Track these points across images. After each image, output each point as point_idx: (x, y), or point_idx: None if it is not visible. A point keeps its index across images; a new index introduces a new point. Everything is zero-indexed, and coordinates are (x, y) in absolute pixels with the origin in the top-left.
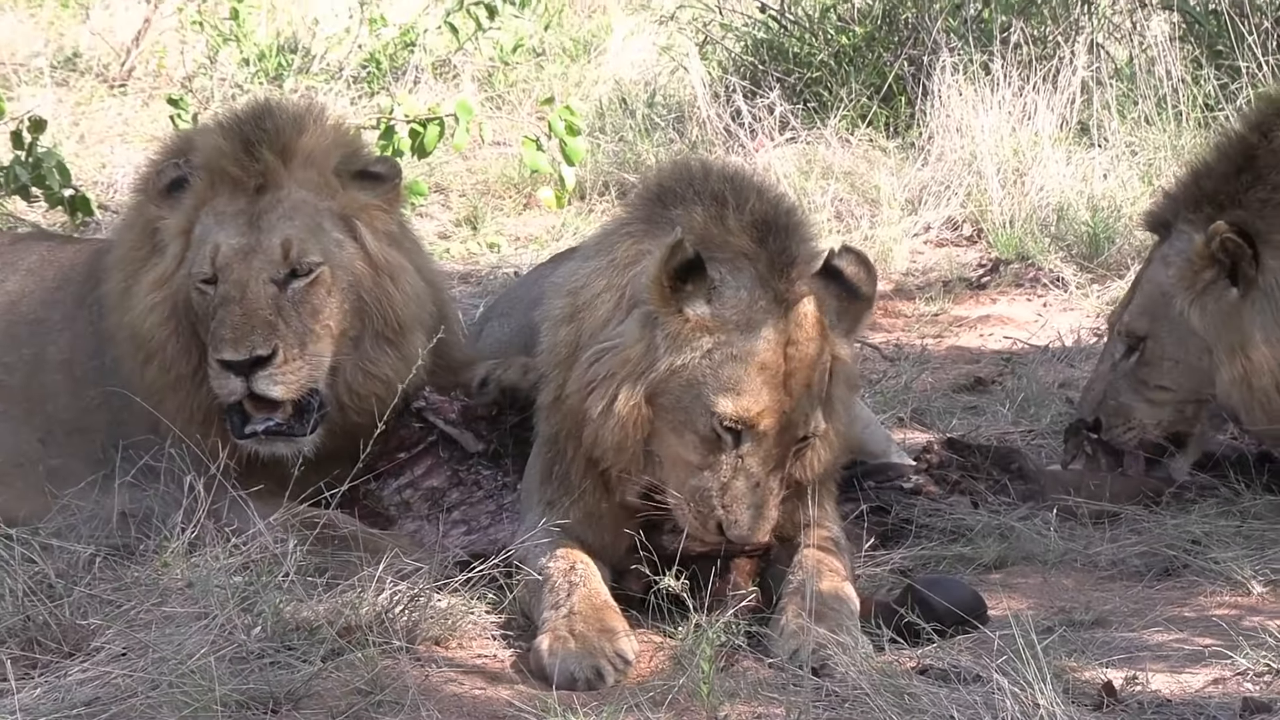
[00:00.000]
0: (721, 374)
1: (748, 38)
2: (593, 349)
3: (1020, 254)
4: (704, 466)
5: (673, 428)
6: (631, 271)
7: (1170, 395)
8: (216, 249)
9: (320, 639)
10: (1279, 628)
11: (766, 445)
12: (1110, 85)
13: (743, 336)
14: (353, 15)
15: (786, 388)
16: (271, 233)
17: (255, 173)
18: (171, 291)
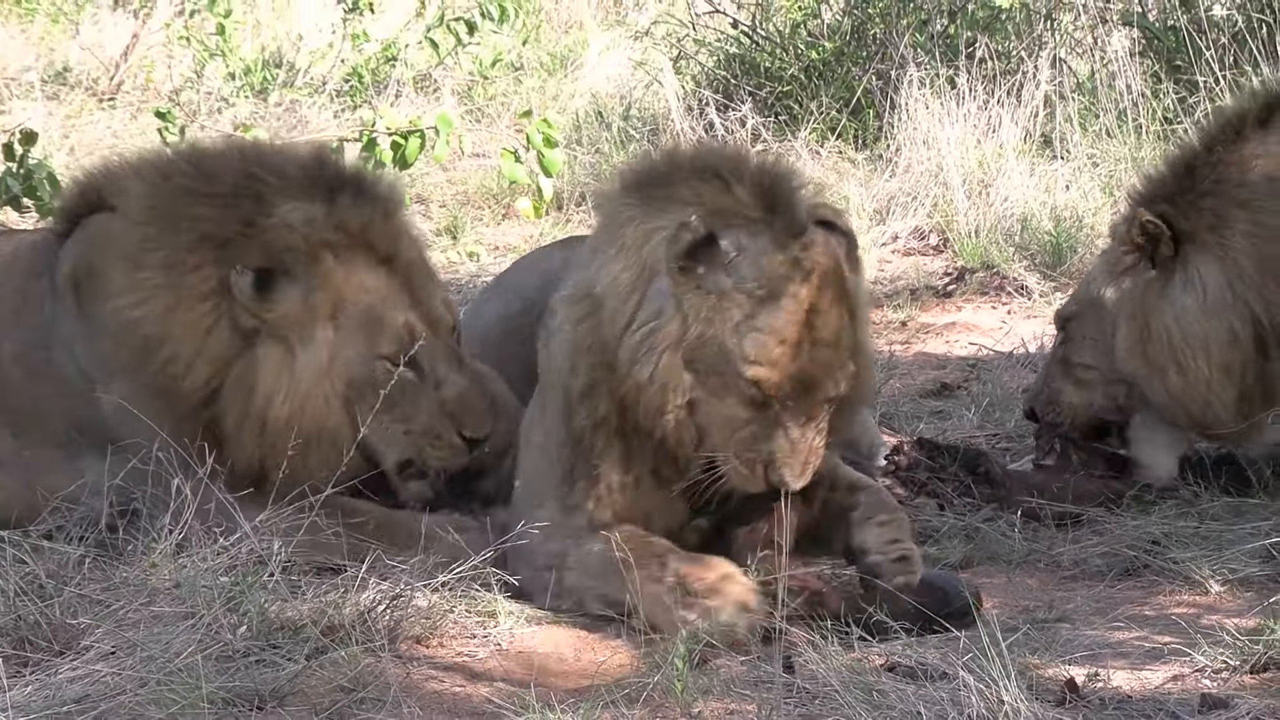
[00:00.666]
0: (748, 344)
1: (720, 53)
2: (639, 330)
3: (985, 263)
4: (750, 421)
5: (713, 392)
6: (645, 249)
7: (1093, 375)
8: (410, 327)
9: (304, 638)
10: (1236, 626)
11: (804, 404)
12: (1072, 99)
13: (766, 307)
14: (336, 31)
15: (814, 352)
16: (439, 305)
17: (389, 237)
18: (342, 376)
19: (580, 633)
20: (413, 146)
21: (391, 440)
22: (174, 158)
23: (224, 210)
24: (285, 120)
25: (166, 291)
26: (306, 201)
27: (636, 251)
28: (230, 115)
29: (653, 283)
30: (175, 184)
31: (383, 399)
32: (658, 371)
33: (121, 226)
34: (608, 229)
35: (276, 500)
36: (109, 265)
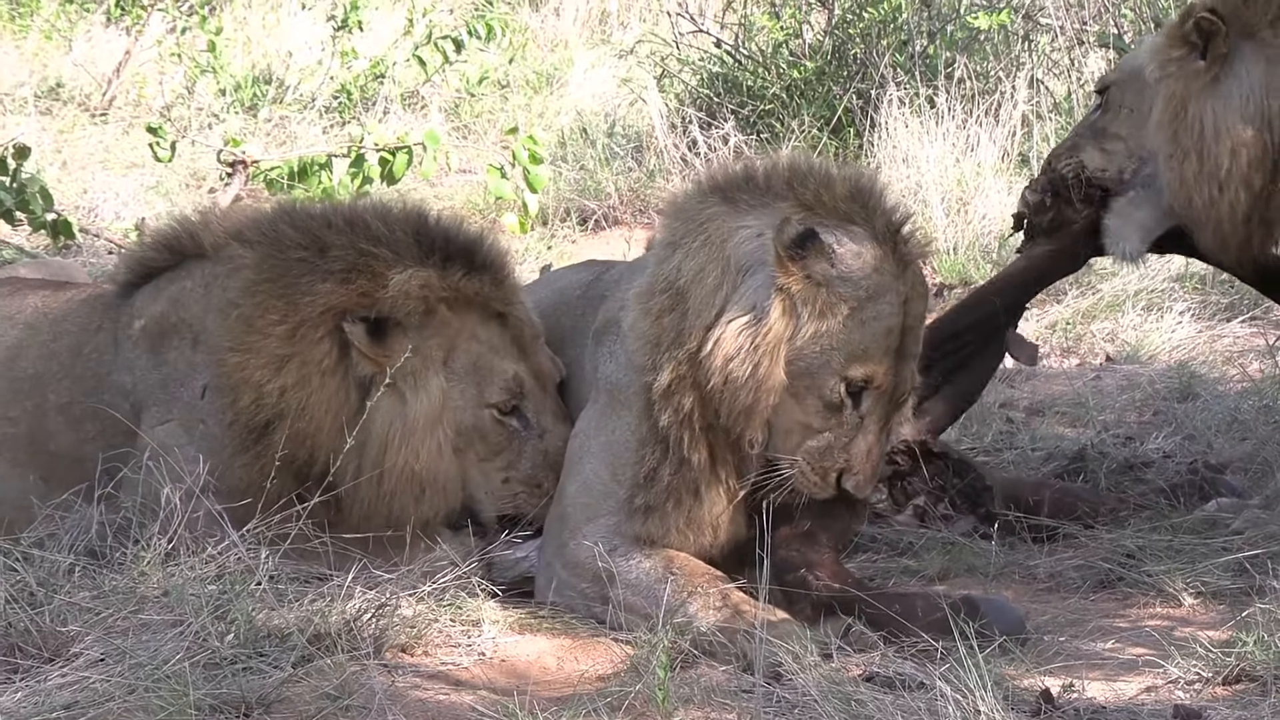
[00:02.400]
0: (854, 339)
1: (703, 71)
2: (733, 323)
3: (964, 279)
4: (824, 429)
5: (794, 394)
6: (730, 244)
7: (1119, 147)
8: (519, 378)
9: (291, 646)
10: (1209, 638)
11: (882, 405)
12: (1049, 119)
13: (872, 301)
14: (325, 48)
15: (901, 348)
16: (546, 360)
17: (503, 299)
18: (452, 423)
19: (563, 641)
20: (400, 162)
21: (491, 488)
22: (281, 227)
23: (342, 286)
24: (275, 136)
25: (295, 363)
26: (420, 267)
27: (720, 247)
28: (221, 131)
29: (744, 278)
30: (290, 258)
31: (488, 445)
32: (759, 370)
33: (235, 290)
34: (687, 226)
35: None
36: (212, 323)
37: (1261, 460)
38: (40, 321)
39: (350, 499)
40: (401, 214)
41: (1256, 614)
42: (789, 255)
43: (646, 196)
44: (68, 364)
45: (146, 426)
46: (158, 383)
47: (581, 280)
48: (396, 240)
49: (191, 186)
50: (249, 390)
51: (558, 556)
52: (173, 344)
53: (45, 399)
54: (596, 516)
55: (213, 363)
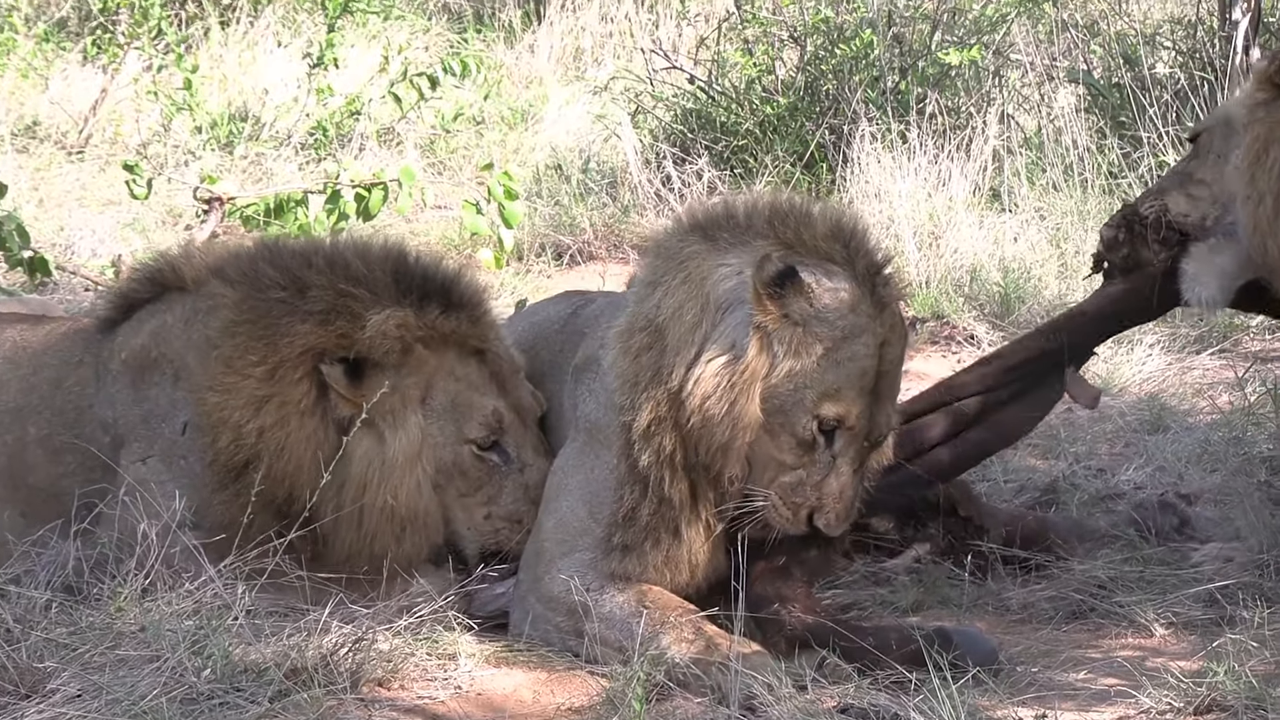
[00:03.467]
0: (827, 378)
1: (677, 107)
2: (711, 361)
3: (936, 313)
4: (797, 466)
5: (769, 430)
6: (710, 282)
7: (1204, 193)
8: (499, 414)
9: (268, 681)
10: (1180, 668)
11: (856, 445)
12: (1020, 154)
13: (847, 341)
14: (301, 85)
15: (876, 389)
16: (526, 395)
17: (479, 336)
18: (431, 460)
19: (539, 674)
20: (376, 198)
21: (473, 523)
22: (261, 266)
23: (321, 327)
24: (251, 173)
25: (274, 404)
26: (397, 308)
27: (700, 284)
28: (197, 168)
29: (723, 316)
30: (269, 298)
31: (468, 481)
32: (736, 408)
33: (216, 327)
34: (667, 264)
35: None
36: (193, 360)
37: (1232, 491)
38: (19, 355)
39: (331, 537)
40: (382, 251)
41: (1227, 644)
42: (767, 293)
43: (621, 232)
44: (48, 397)
45: (127, 461)
46: (139, 418)
47: (560, 314)
48: (375, 280)
49: (168, 224)
50: (228, 430)
51: (533, 590)
52: (154, 379)
53: (25, 432)
54: (572, 552)
55: (193, 400)
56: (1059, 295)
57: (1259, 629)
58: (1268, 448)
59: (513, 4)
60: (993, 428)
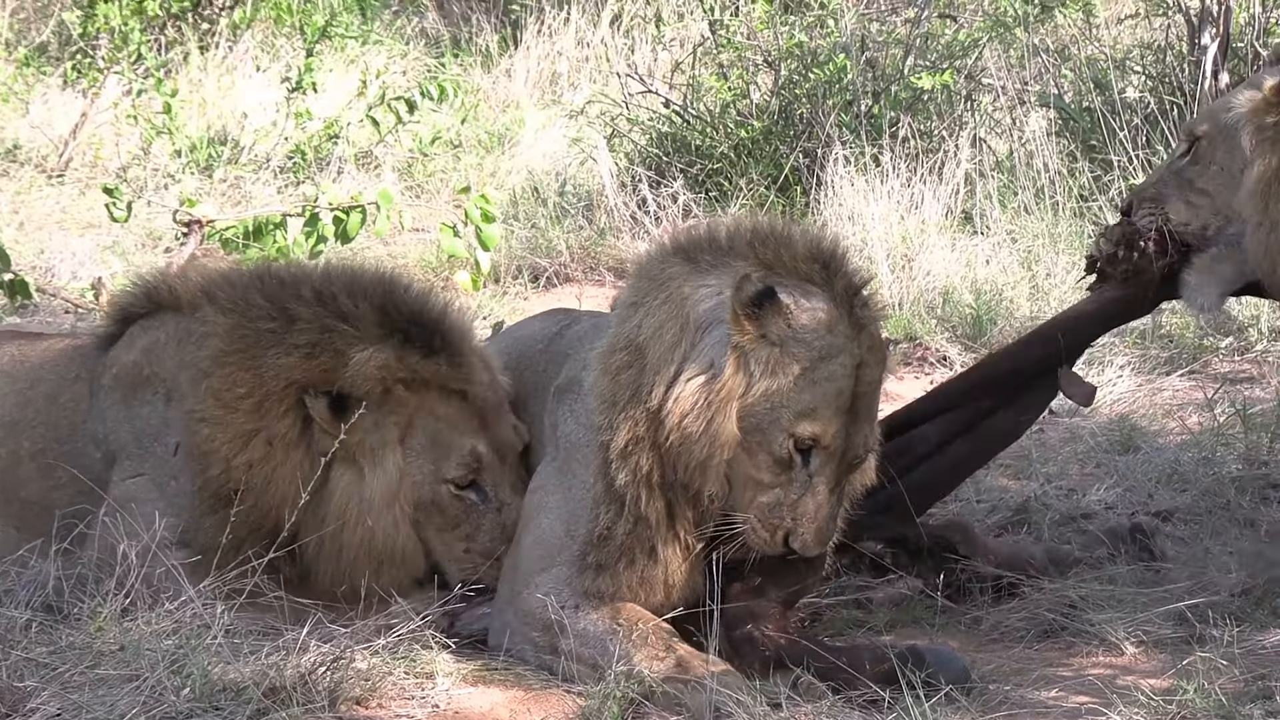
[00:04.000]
0: (803, 398)
1: (653, 131)
2: (690, 380)
3: (909, 334)
4: (774, 485)
5: (747, 449)
6: (690, 302)
7: (1205, 202)
8: (477, 454)
9: (246, 700)
10: (1150, 686)
11: (832, 465)
12: (992, 177)
13: (824, 361)
14: (279, 109)
15: (853, 410)
16: (508, 431)
17: (460, 379)
18: (409, 498)
19: (516, 692)
20: (354, 221)
21: (454, 556)
22: (252, 295)
23: (305, 361)
24: (230, 196)
25: (261, 438)
26: (379, 348)
27: (680, 305)
28: (176, 191)
29: (702, 335)
30: (258, 329)
31: (446, 518)
32: (713, 425)
33: (207, 354)
34: (649, 285)
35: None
36: (185, 383)
37: (1202, 511)
38: (17, 369)
39: (314, 567)
40: (371, 284)
41: (1197, 662)
42: (745, 313)
43: (597, 254)
44: (43, 411)
45: (118, 478)
46: (130, 436)
47: (545, 333)
48: (360, 317)
49: (148, 246)
50: (218, 462)
51: (510, 605)
52: (145, 397)
53: (19, 445)
54: (549, 568)
55: (184, 424)
56: (1030, 317)
57: (1228, 647)
58: (1237, 468)
59: (489, 29)
60: (985, 434)
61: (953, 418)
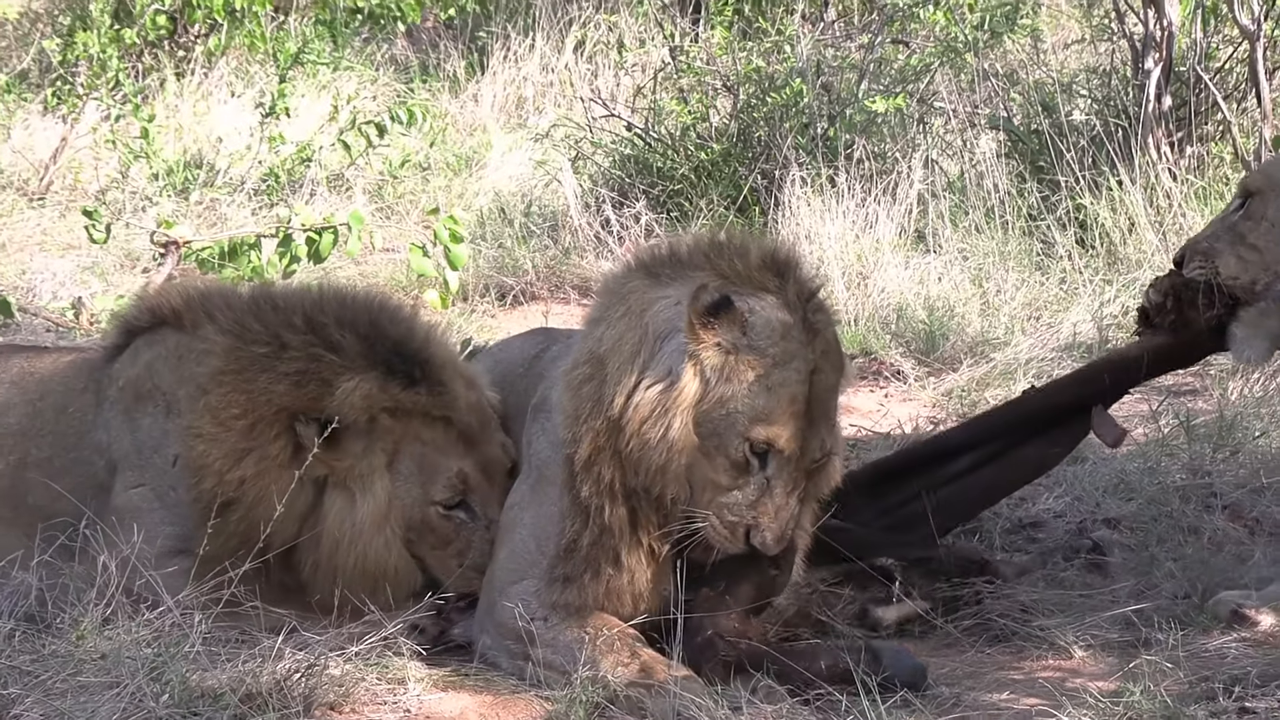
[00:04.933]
0: (758, 403)
1: (615, 153)
2: (649, 388)
3: (864, 349)
4: (733, 487)
5: (706, 453)
6: (649, 313)
7: (1255, 258)
8: (464, 475)
9: (224, 705)
10: (1098, 688)
11: (789, 468)
12: (943, 197)
13: (778, 367)
14: (253, 134)
15: (809, 415)
16: (495, 450)
17: (442, 406)
18: (400, 520)
19: (485, 697)
20: (326, 242)
21: (447, 571)
22: (248, 319)
23: (295, 389)
24: (206, 218)
25: (253, 457)
26: (362, 379)
27: (639, 316)
28: (154, 213)
29: (661, 345)
30: (253, 353)
31: (438, 537)
32: (670, 432)
33: (205, 372)
34: (611, 301)
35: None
36: (184, 398)
37: (1147, 519)
38: (27, 380)
39: (311, 586)
40: (359, 312)
41: (1143, 665)
42: (701, 322)
43: (562, 273)
44: (51, 421)
45: (121, 488)
46: (133, 447)
47: (526, 354)
48: (347, 348)
49: (126, 267)
50: (212, 475)
51: (488, 616)
52: (147, 410)
53: (28, 453)
54: (521, 581)
55: (182, 438)
56: (981, 332)
57: (1173, 650)
58: (1181, 478)
59: (457, 55)
60: (1014, 463)
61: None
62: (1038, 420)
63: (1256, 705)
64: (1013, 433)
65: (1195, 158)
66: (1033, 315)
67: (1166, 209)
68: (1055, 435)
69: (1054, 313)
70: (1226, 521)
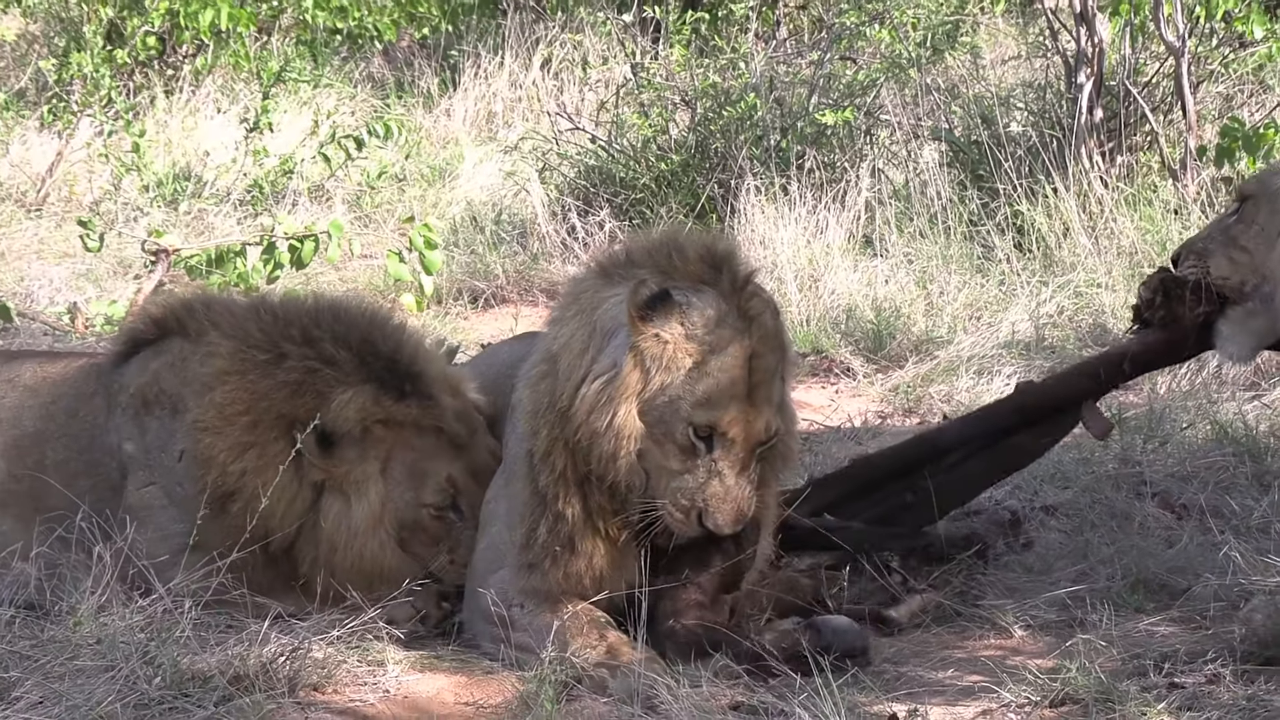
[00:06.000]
0: (698, 389)
1: (580, 164)
2: (594, 380)
3: (815, 348)
4: (683, 470)
5: (656, 440)
6: (597, 312)
7: (1245, 260)
8: (452, 479)
9: (213, 687)
10: (1037, 666)
11: (735, 450)
12: (889, 204)
13: (715, 354)
14: (239, 147)
15: (750, 398)
16: (483, 454)
17: (431, 417)
18: (393, 521)
19: (460, 678)
20: (308, 249)
21: (440, 567)
22: (250, 327)
23: (292, 397)
24: (194, 227)
25: (255, 452)
26: (356, 392)
27: (589, 314)
28: (145, 223)
29: (608, 340)
30: (255, 358)
31: (429, 536)
32: (615, 419)
33: (209, 372)
34: (568, 301)
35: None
36: (189, 396)
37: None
38: (40, 385)
39: (310, 582)
40: (353, 325)
41: (1079, 644)
42: (641, 315)
43: (531, 277)
44: (64, 424)
45: (133, 488)
46: (141, 449)
47: (514, 358)
48: (341, 361)
49: (119, 273)
50: (216, 467)
51: (470, 602)
52: (155, 413)
53: (44, 455)
54: (496, 570)
55: (189, 433)
56: (925, 332)
57: (1106, 630)
58: (1113, 467)
59: (430, 73)
60: (1005, 451)
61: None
62: (1033, 412)
63: (1185, 681)
64: (1010, 424)
65: (1125, 166)
66: (974, 315)
67: (1098, 214)
68: (1047, 426)
69: (993, 312)
70: (1156, 508)
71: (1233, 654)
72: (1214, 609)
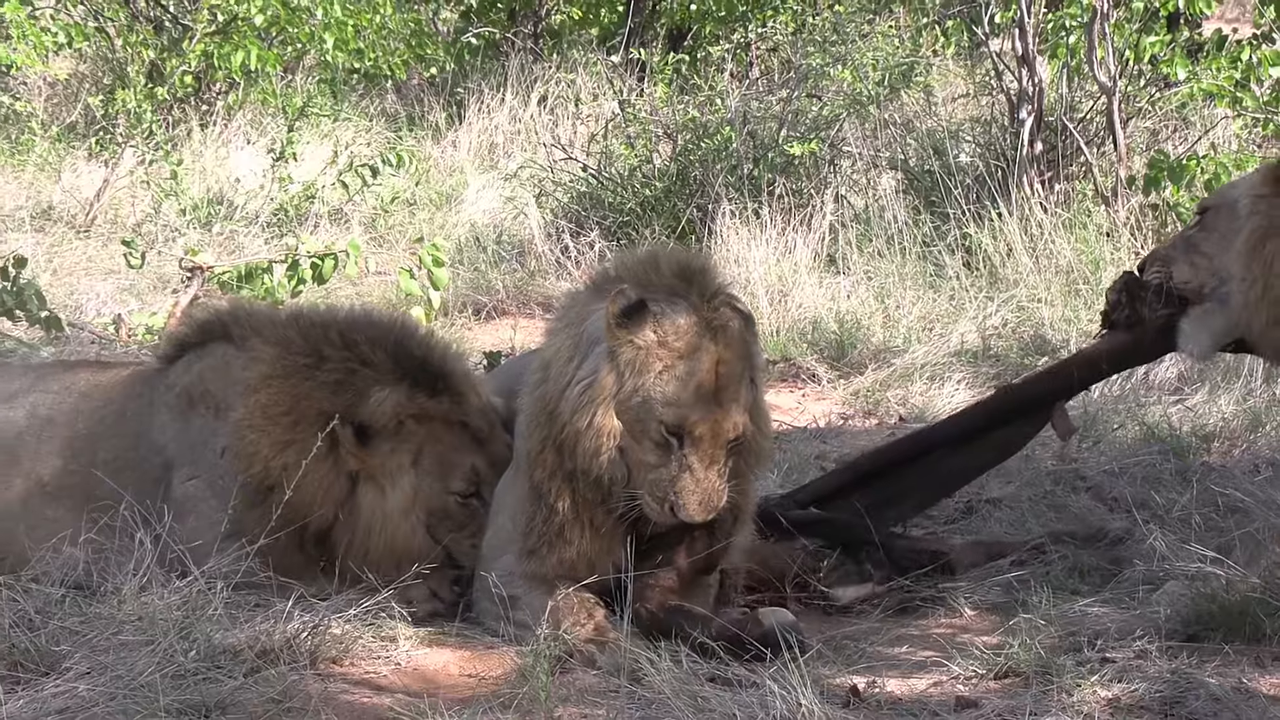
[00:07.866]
0: (668, 391)
1: (573, 190)
2: (577, 385)
3: (784, 356)
4: (659, 465)
5: (634, 437)
6: (586, 323)
7: (1205, 264)
8: (476, 469)
9: (242, 660)
10: (983, 642)
11: (704, 446)
12: (851, 227)
13: (683, 359)
14: (266, 175)
15: (717, 399)
16: (501, 448)
17: (460, 412)
18: (423, 508)
19: (464, 653)
20: (328, 266)
21: (463, 551)
22: (290, 333)
23: (333, 396)
24: (226, 246)
25: (296, 448)
26: (393, 389)
27: (578, 325)
28: (182, 242)
29: (592, 348)
30: (296, 362)
31: (455, 522)
32: (595, 420)
33: (254, 375)
34: (560, 315)
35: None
36: (233, 396)
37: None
38: (93, 391)
39: (346, 564)
40: (387, 330)
41: (1021, 623)
42: (617, 323)
43: (529, 292)
44: (114, 425)
45: (178, 482)
46: (186, 445)
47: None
48: (378, 362)
49: (158, 288)
50: (259, 462)
51: (479, 584)
52: (199, 411)
53: (95, 454)
54: (502, 555)
55: (232, 432)
56: (884, 341)
57: (1046, 610)
58: (1052, 464)
59: (438, 108)
60: (987, 446)
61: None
62: (1010, 411)
63: (1116, 655)
64: (989, 422)
65: (1062, 194)
66: (927, 327)
67: (1039, 237)
68: (1020, 424)
69: (945, 324)
70: (1090, 500)
71: (1158, 631)
72: (1142, 592)
